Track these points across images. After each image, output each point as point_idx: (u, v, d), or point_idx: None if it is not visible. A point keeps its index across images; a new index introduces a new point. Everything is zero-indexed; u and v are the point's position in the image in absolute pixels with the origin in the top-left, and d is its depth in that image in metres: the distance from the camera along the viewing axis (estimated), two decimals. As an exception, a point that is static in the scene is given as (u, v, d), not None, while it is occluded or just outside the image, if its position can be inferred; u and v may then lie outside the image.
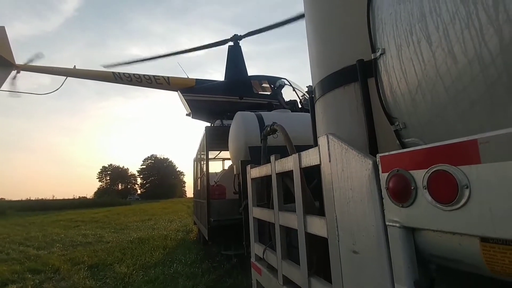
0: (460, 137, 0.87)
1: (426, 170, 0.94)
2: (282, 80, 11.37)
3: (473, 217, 0.80)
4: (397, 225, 1.06)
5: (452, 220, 0.86)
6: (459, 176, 0.83)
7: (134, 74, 11.19)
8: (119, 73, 11.12)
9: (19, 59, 11.17)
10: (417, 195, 0.98)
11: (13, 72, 10.97)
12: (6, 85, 10.93)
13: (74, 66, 11.33)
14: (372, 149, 1.61)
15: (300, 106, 10.61)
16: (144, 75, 11.25)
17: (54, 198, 70.92)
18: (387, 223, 1.12)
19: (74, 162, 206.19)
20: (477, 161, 0.79)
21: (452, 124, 1.09)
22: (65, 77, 11.19)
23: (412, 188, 0.99)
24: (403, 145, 1.37)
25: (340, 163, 1.44)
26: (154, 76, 11.27)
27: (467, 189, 0.81)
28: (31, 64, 11.26)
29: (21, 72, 11.11)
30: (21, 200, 62.79)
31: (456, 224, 0.85)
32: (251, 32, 12.15)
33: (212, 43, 12.17)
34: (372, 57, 1.49)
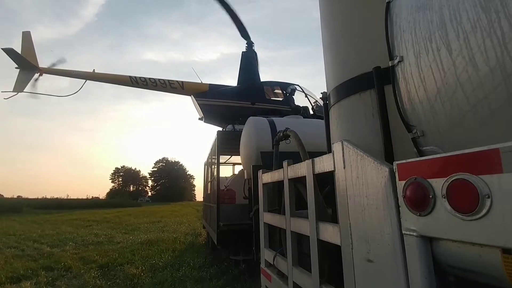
0: (480, 146, 0.85)
1: (446, 178, 0.93)
2: (294, 86, 11.38)
3: (494, 228, 0.78)
4: (414, 234, 1.05)
5: (472, 230, 0.84)
6: (480, 186, 0.82)
7: (149, 79, 11.40)
8: (135, 77, 11.36)
9: (41, 62, 11.59)
10: (435, 204, 0.96)
11: (36, 75, 11.37)
12: (28, 87, 11.33)
13: (94, 70, 11.66)
14: (388, 156, 1.60)
15: (312, 112, 10.59)
16: (159, 79, 11.46)
17: (69, 197, 72.70)
18: (403, 232, 1.10)
19: (89, 163, 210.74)
20: (499, 170, 0.78)
21: (472, 132, 1.07)
22: (85, 80, 11.51)
23: (431, 196, 0.97)
24: (421, 153, 1.35)
25: (355, 170, 1.43)
26: (169, 80, 11.46)
27: (488, 199, 0.80)
28: (53, 67, 11.65)
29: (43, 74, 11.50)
30: (37, 198, 64.39)
31: (477, 234, 0.83)
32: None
33: (235, 14, 11.51)
34: (390, 65, 1.48)
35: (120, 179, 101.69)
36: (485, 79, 0.99)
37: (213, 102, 10.97)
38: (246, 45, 12.04)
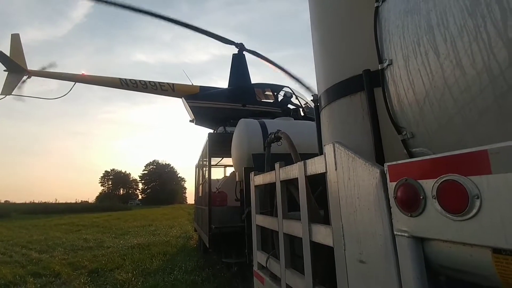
0: (468, 147, 0.87)
1: (436, 179, 0.94)
2: (285, 88, 11.45)
3: (484, 228, 0.80)
4: (406, 234, 1.06)
5: (463, 231, 0.86)
6: (470, 186, 0.83)
7: (140, 81, 11.31)
8: (125, 79, 11.24)
9: (30, 64, 11.38)
10: (426, 204, 0.98)
11: (24, 77, 11.17)
12: (15, 89, 11.11)
13: (83, 72, 11.51)
14: (378, 158, 1.62)
15: (302, 114, 10.65)
16: (149, 81, 11.37)
17: (57, 201, 71.39)
18: (395, 233, 1.11)
19: (78, 166, 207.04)
20: (488, 171, 0.79)
21: (460, 134, 1.10)
22: (74, 82, 11.34)
23: (421, 197, 0.99)
24: (411, 155, 1.37)
25: (347, 172, 1.44)
26: (159, 82, 11.39)
27: (477, 199, 0.81)
28: (42, 70, 11.46)
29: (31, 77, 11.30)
30: (25, 203, 63.33)
31: (467, 234, 0.85)
32: (256, 53, 12.39)
33: (219, 36, 12.14)
34: (379, 68, 1.50)
35: (110, 183, 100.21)
36: (472, 82, 1.01)
37: (204, 104, 10.94)
38: (238, 48, 12.07)
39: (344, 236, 1.44)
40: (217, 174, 13.23)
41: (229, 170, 12.19)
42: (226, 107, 10.79)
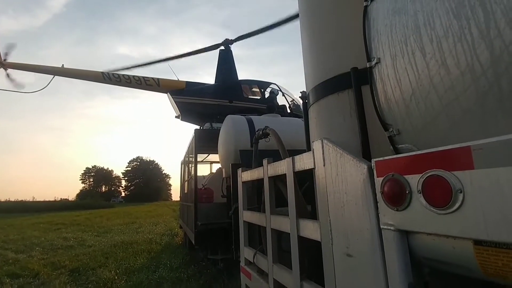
0: (452, 144, 0.91)
1: (421, 175, 0.98)
2: (272, 84, 11.50)
3: (466, 221, 0.84)
4: (392, 228, 1.09)
5: (446, 224, 0.90)
6: (453, 181, 0.87)
7: (123, 75, 11.06)
8: (108, 73, 10.97)
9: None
10: (411, 199, 1.01)
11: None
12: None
13: (63, 65, 11.13)
14: (365, 154, 1.65)
15: (289, 111, 10.73)
16: (133, 76, 11.14)
17: (34, 199, 69.19)
18: (381, 226, 1.15)
19: (57, 163, 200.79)
20: (471, 166, 0.83)
21: (444, 131, 1.14)
22: (53, 75, 10.96)
23: (407, 192, 1.02)
24: (397, 151, 1.42)
25: (335, 168, 1.47)
26: (144, 77, 11.17)
27: (460, 194, 0.85)
28: (19, 62, 11.00)
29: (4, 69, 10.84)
30: (0, 201, 60.89)
31: (450, 227, 0.89)
32: (242, 36, 12.25)
33: (204, 48, 12.19)
34: (368, 66, 1.53)
35: (91, 180, 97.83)
36: (456, 81, 1.05)
37: (190, 100, 10.84)
38: (223, 43, 12.00)
39: (331, 231, 1.47)
40: (203, 170, 13.14)
41: (215, 167, 12.15)
42: (212, 103, 10.74)
